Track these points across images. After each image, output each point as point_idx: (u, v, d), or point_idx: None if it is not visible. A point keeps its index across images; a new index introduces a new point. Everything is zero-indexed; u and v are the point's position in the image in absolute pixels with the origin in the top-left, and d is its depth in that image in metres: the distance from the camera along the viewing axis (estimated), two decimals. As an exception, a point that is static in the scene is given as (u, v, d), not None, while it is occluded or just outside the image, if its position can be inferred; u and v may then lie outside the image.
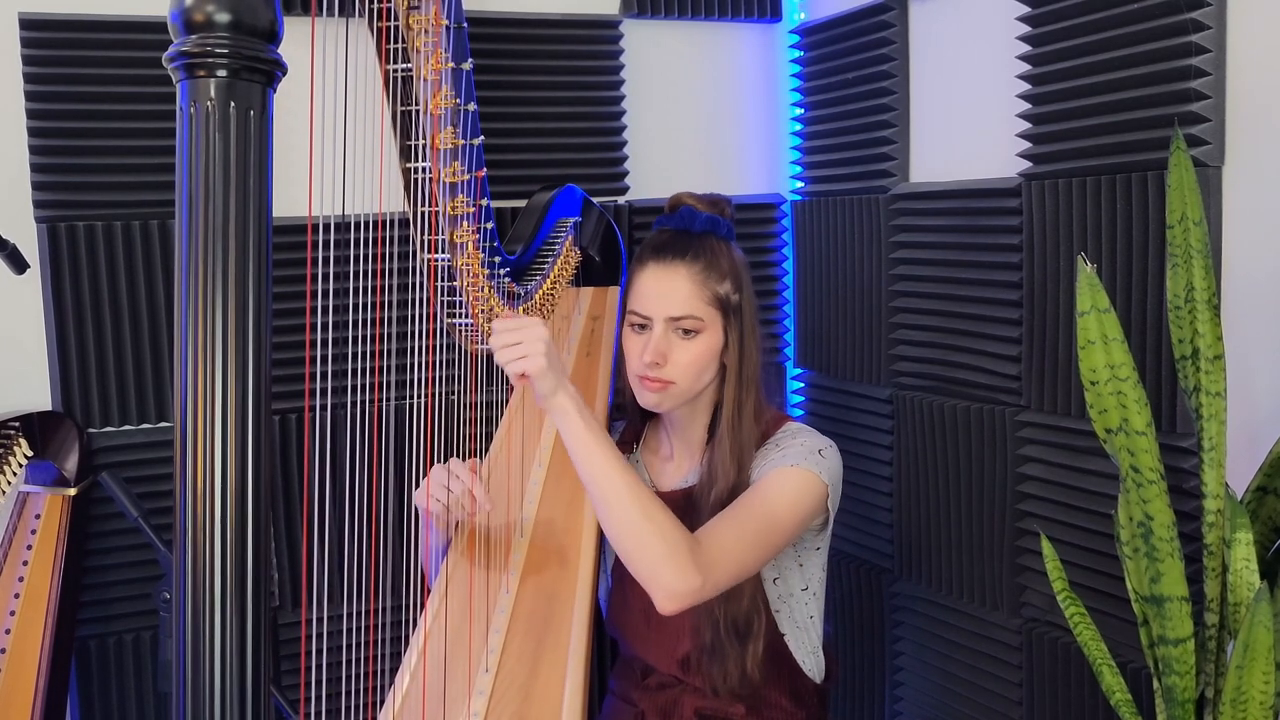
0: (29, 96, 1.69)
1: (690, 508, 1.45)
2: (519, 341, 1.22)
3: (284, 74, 0.72)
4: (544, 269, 1.62)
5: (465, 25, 1.23)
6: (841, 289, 2.07)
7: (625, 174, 2.08)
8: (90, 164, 1.72)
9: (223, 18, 0.68)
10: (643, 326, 1.45)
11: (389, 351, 1.65)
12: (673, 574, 1.23)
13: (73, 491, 1.65)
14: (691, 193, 1.53)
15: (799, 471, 1.39)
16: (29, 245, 1.65)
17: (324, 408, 1.44)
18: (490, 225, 1.35)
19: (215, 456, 0.69)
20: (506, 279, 1.45)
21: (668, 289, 1.42)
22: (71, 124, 1.71)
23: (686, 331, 1.42)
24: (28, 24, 1.68)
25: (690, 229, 1.46)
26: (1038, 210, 1.61)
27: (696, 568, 1.24)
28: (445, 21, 1.18)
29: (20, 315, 1.73)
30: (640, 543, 1.24)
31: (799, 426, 1.50)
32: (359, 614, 1.67)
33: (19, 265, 1.54)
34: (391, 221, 1.23)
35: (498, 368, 1.53)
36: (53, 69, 1.69)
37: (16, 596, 1.59)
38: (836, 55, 2.04)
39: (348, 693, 1.32)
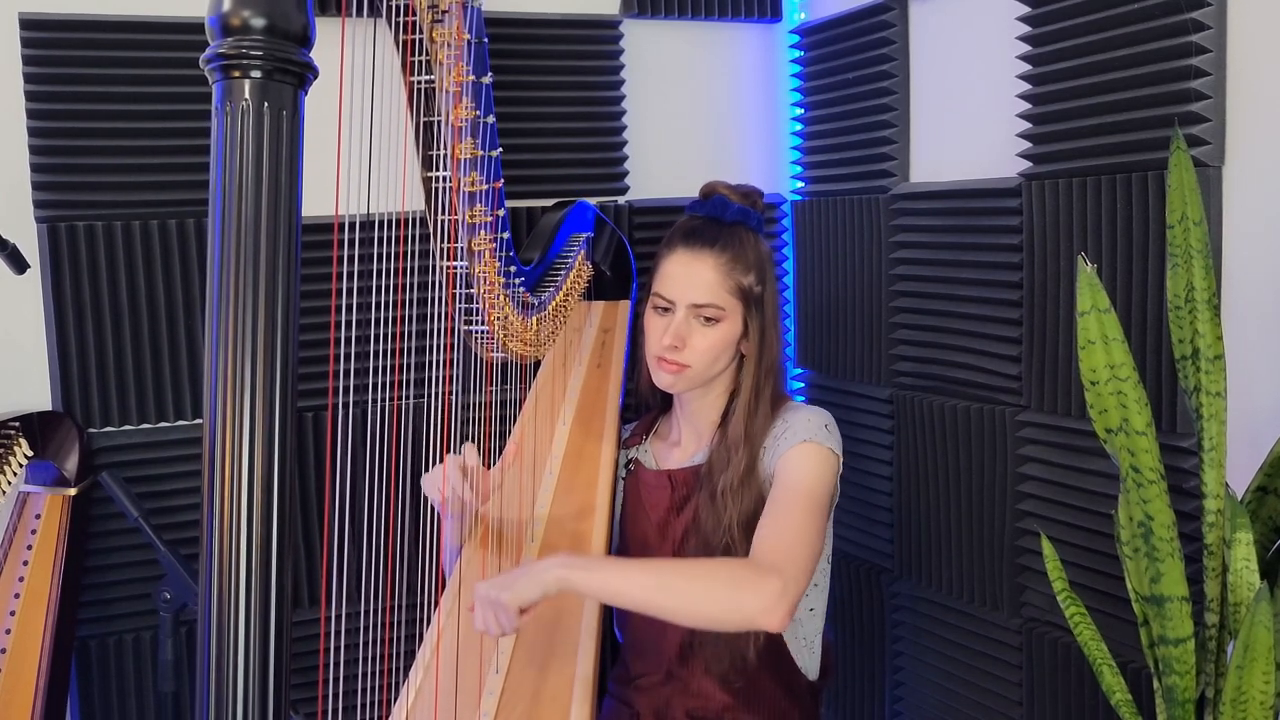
0: (29, 96, 1.69)
1: (697, 485, 1.47)
2: (493, 613, 1.22)
3: (315, 76, 0.74)
4: (557, 281, 1.64)
5: (486, 40, 1.26)
6: (841, 289, 2.07)
7: (625, 174, 2.08)
8: (90, 164, 1.72)
9: (258, 22, 0.70)
10: (666, 309, 1.48)
11: (408, 350, 1.67)
12: (752, 597, 1.23)
13: (73, 491, 1.65)
14: (725, 182, 1.55)
15: (814, 447, 1.42)
16: (29, 245, 1.65)
17: (343, 405, 1.46)
18: (506, 235, 1.37)
19: (243, 451, 0.71)
20: (521, 289, 1.47)
21: (693, 276, 1.45)
22: (71, 124, 1.70)
23: (708, 319, 1.45)
24: (28, 24, 1.68)
25: (722, 218, 1.49)
26: (1038, 210, 1.61)
27: (767, 574, 1.24)
28: (467, 36, 1.21)
29: (20, 315, 1.73)
30: (711, 604, 1.24)
31: (798, 403, 1.54)
32: (374, 611, 1.68)
33: (19, 265, 1.54)
34: (413, 220, 1.25)
35: (511, 370, 1.55)
36: (53, 69, 1.69)
37: (17, 596, 1.59)
38: (836, 55, 2.04)
39: (363, 689, 1.33)
